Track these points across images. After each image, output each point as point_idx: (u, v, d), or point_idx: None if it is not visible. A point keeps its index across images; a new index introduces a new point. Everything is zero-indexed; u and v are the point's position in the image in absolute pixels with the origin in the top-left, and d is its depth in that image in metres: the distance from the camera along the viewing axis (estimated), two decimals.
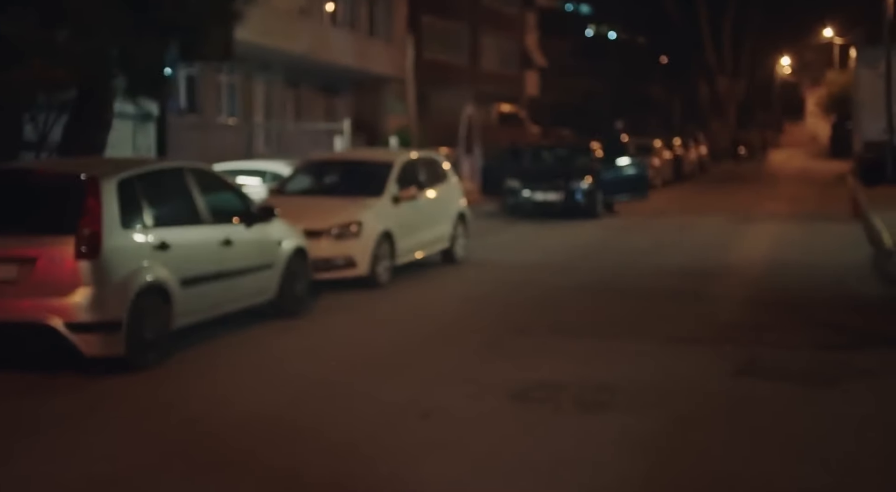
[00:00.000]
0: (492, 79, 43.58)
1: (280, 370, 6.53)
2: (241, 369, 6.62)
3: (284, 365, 6.70)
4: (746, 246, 13.79)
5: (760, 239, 14.75)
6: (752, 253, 12.93)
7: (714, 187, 28.96)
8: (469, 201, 20.46)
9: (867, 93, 23.61)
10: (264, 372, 6.50)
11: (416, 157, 11.90)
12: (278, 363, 6.75)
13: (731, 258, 12.38)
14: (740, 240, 14.60)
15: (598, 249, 13.78)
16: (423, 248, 11.43)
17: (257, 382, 6.24)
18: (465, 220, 12.67)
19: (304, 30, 25.88)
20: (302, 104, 29.18)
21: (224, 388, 6.08)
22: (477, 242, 14.41)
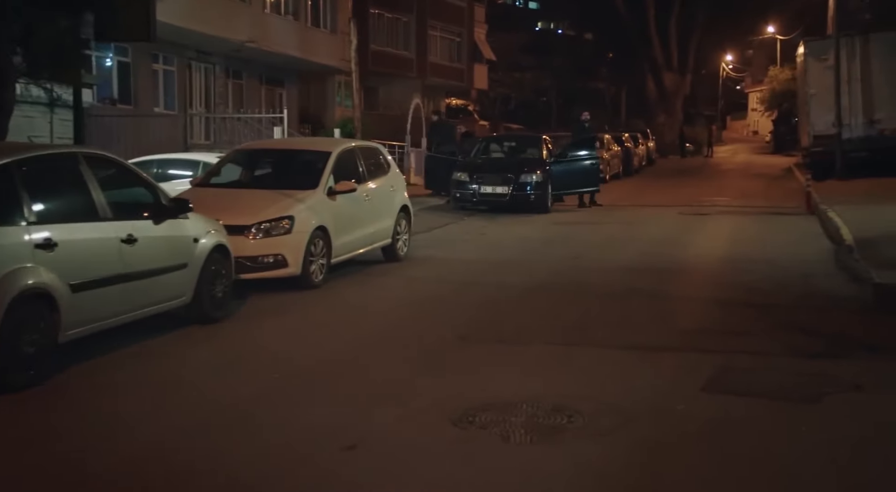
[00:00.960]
0: (440, 72, 42.79)
1: (187, 389, 5.64)
2: (142, 387, 5.71)
3: (193, 382, 5.82)
4: (703, 241, 13.22)
5: (717, 234, 14.20)
6: (709, 248, 12.33)
7: (663, 181, 28.57)
8: (416, 195, 19.89)
9: (816, 86, 23.31)
10: (168, 392, 5.61)
11: (355, 146, 11.04)
12: (186, 380, 5.86)
13: (688, 254, 11.77)
14: (696, 235, 14.03)
15: (548, 245, 13.08)
16: (363, 244, 10.59)
17: (156, 404, 5.33)
18: (408, 214, 11.86)
19: (243, 18, 24.77)
20: (244, 95, 28.02)
21: (116, 413, 5.17)
22: (422, 238, 13.63)
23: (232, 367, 6.19)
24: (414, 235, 13.95)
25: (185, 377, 5.94)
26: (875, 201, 16.53)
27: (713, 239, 13.56)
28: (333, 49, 30.58)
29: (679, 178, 30.25)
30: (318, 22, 30.09)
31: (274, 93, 30.05)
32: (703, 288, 9.31)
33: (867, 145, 22.81)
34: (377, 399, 5.35)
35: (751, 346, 6.56)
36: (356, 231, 10.34)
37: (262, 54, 26.41)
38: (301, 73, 31.25)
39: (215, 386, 5.68)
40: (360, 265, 10.80)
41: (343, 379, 5.85)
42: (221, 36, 23.47)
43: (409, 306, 8.49)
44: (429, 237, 14.10)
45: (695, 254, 11.85)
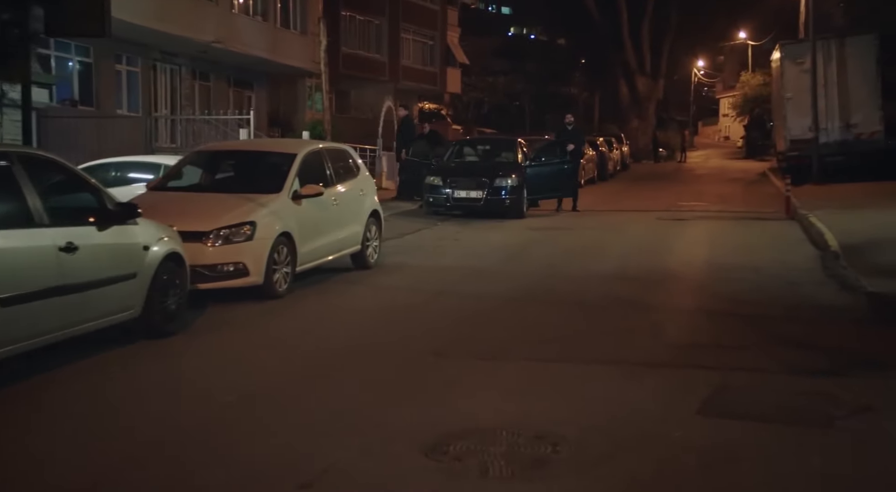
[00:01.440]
0: (413, 75, 42.31)
1: (119, 418, 5.02)
2: (71, 415, 5.08)
3: (127, 409, 5.20)
4: (684, 247, 12.80)
5: (697, 239, 13.80)
6: (691, 255, 11.91)
7: (639, 186, 28.25)
8: (388, 199, 19.35)
9: (792, 89, 23.09)
10: (100, 419, 5.00)
11: (322, 148, 10.48)
12: (120, 407, 5.25)
13: (670, 261, 11.33)
14: (676, 240, 13.61)
15: (525, 251, 12.60)
16: (330, 252, 10.04)
17: (79, 440, 4.65)
18: (378, 219, 11.33)
19: (210, 18, 24.10)
20: (212, 97, 27.33)
21: (29, 450, 4.52)
22: (393, 244, 13.11)
23: (178, 389, 5.62)
24: (385, 242, 13.43)
25: (120, 403, 5.34)
26: (855, 206, 16.26)
27: (694, 245, 13.15)
28: (303, 51, 29.94)
29: (654, 182, 29.95)
30: (287, 23, 29.47)
31: (242, 95, 29.36)
32: (688, 297, 8.86)
33: (843, 150, 22.63)
34: (340, 426, 4.80)
35: (745, 362, 6.10)
36: (323, 237, 9.79)
37: (230, 56, 25.75)
38: (271, 75, 30.62)
39: (154, 413, 5.10)
40: (328, 273, 10.25)
41: (303, 403, 5.30)
42: (187, 36, 22.80)
43: (378, 318, 7.95)
44: (401, 243, 13.57)
45: (677, 261, 11.41)
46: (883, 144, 22.32)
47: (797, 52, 23.10)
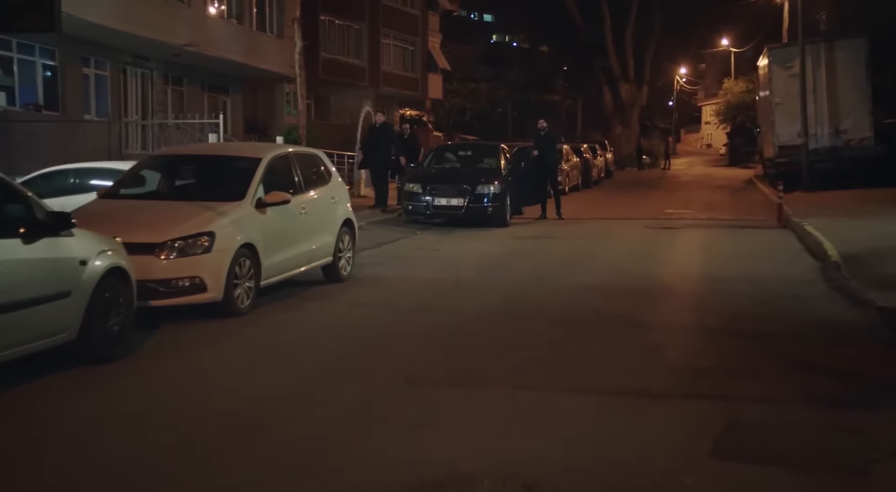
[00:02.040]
0: (393, 81, 41.64)
1: (34, 457, 4.30)
2: None
3: (48, 446, 4.48)
4: (676, 257, 12.14)
5: (688, 249, 13.15)
6: (684, 266, 11.25)
7: (624, 193, 27.66)
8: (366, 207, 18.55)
9: (781, 94, 22.60)
10: (6, 462, 4.26)
11: (290, 153, 9.73)
12: (39, 443, 4.51)
13: (663, 273, 10.66)
14: (667, 250, 12.96)
15: (509, 262, 11.90)
16: (299, 264, 9.30)
17: None
18: (352, 229, 10.60)
19: (182, 20, 23.33)
20: (185, 103, 26.50)
21: None
22: (369, 255, 12.40)
23: (114, 425, 4.87)
24: (361, 252, 12.72)
25: (35, 441, 4.59)
26: (849, 214, 15.71)
27: (686, 255, 12.50)
28: (281, 55, 29.10)
29: (639, 190, 29.39)
30: (263, 26, 28.71)
31: (217, 100, 28.56)
32: (685, 313, 8.18)
33: (833, 156, 22.14)
34: (296, 472, 4.07)
35: (758, 389, 5.41)
36: (291, 249, 9.05)
37: (204, 60, 24.96)
38: (247, 80, 29.83)
39: (81, 454, 4.35)
40: (296, 287, 9.51)
41: (257, 442, 4.56)
42: (158, 39, 22.00)
43: (348, 339, 7.22)
44: (377, 254, 12.85)
45: (670, 272, 10.74)
46: (873, 150, 21.85)
47: (785, 57, 22.61)
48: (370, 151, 18.82)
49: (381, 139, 18.64)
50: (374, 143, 18.69)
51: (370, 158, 18.92)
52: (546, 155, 17.75)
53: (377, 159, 18.69)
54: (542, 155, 17.69)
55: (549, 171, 17.81)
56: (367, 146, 19.09)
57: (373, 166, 19.10)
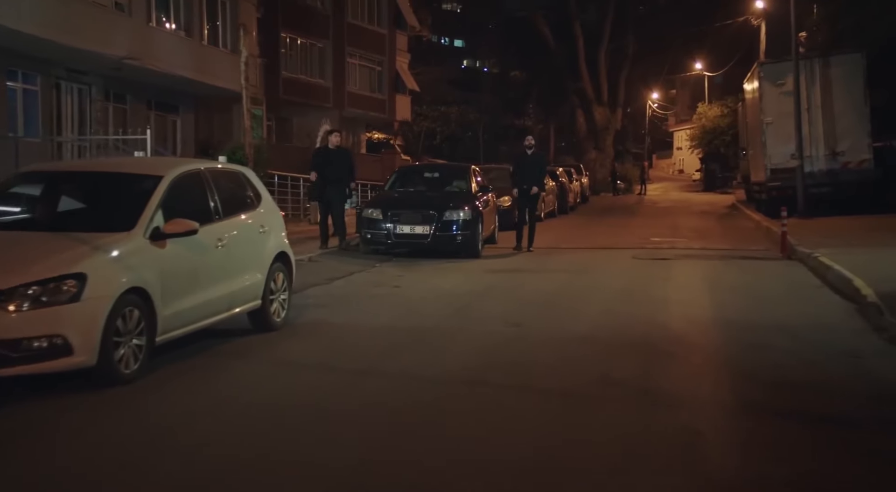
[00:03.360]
0: (359, 102, 39.77)
1: None
2: None
3: None
4: (679, 296, 10.23)
5: (690, 285, 11.27)
6: (693, 308, 9.34)
7: (603, 220, 25.91)
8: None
9: (773, 113, 20.99)
10: None
11: (204, 170, 7.69)
12: None
13: (669, 318, 8.74)
14: (666, 287, 11.06)
15: (481, 303, 9.94)
16: (213, 311, 7.27)
17: None
18: (287, 264, 8.60)
19: (122, 30, 21.28)
20: (129, 121, 24.36)
21: None
22: (316, 293, 10.45)
23: None
24: (308, 289, 10.79)
25: None
26: (861, 244, 13.99)
27: (690, 293, 10.60)
28: (236, 72, 27.07)
29: (619, 216, 27.69)
30: (216, 40, 26.71)
31: (166, 120, 26.48)
32: (715, 380, 6.25)
33: (830, 180, 20.52)
34: None
35: None
36: (201, 292, 7.03)
37: (149, 75, 22.91)
38: (200, 98, 27.77)
39: None
40: (215, 338, 7.49)
41: None
42: (94, 50, 19.95)
43: (260, 424, 5.20)
44: (326, 292, 10.86)
45: (677, 316, 8.83)
46: (873, 174, 20.27)
47: (777, 73, 21.03)
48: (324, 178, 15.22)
49: (333, 165, 15.11)
50: (325, 169, 15.20)
51: (323, 188, 15.30)
52: (531, 178, 15.51)
53: (334, 190, 15.14)
54: (526, 178, 15.46)
55: (532, 198, 15.66)
56: (319, 173, 15.32)
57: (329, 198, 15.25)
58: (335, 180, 15.17)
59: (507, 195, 19.25)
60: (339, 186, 15.23)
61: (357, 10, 39.44)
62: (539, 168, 15.78)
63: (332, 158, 15.36)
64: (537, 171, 15.62)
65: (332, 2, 37.48)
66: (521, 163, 15.76)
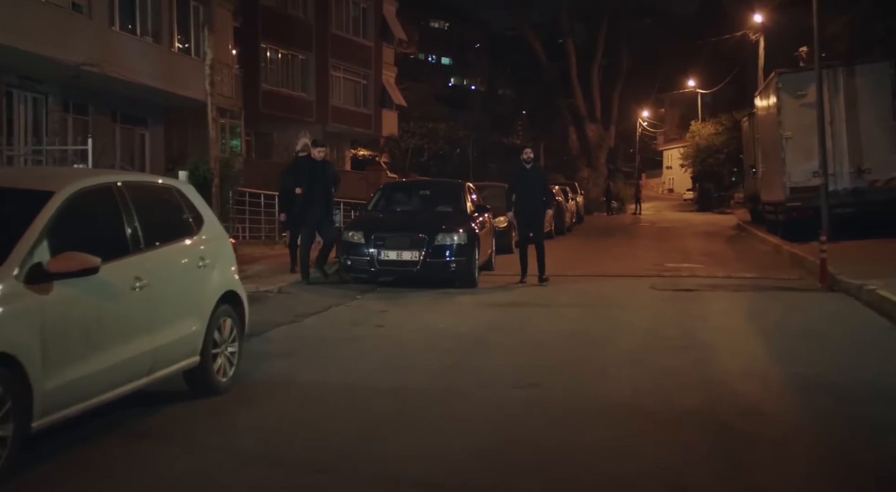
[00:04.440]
0: (344, 117, 37.94)
1: None
2: None
3: None
4: (727, 342, 8.34)
5: (735, 326, 9.38)
6: (752, 360, 7.45)
7: (603, 241, 24.10)
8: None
9: (792, 127, 19.26)
10: None
11: (119, 186, 5.71)
12: None
13: (726, 375, 6.84)
14: (706, 328, 9.19)
15: (483, 352, 8.04)
16: (126, 378, 5.33)
17: None
18: (237, 307, 6.67)
19: (81, 34, 19.36)
20: (92, 134, 22.38)
21: None
22: (283, 334, 8.58)
23: None
24: (273, 329, 8.93)
25: None
26: None
27: (737, 336, 8.73)
28: None
29: (620, 238, 25.88)
30: (187, 48, 24.80)
31: (133, 133, 24.53)
32: (832, 484, 4.36)
33: (855, 200, 18.76)
34: None
35: None
36: (108, 352, 5.09)
37: (112, 83, 20.98)
38: (171, 110, 25.82)
39: None
40: (135, 407, 5.57)
41: None
42: (47, 54, 18.03)
43: None
44: (293, 333, 8.95)
45: (736, 371, 6.93)
46: None
47: (797, 83, 19.30)
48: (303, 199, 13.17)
49: (315, 183, 13.08)
50: (305, 188, 13.13)
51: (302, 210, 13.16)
52: (534, 194, 13.44)
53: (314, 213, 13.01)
54: (528, 195, 13.44)
55: (535, 218, 13.62)
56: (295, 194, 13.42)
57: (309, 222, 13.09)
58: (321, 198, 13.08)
59: (502, 216, 17.52)
60: (324, 204, 13.15)
61: (342, 21, 37.71)
62: (543, 183, 13.82)
63: (318, 171, 13.17)
64: (540, 186, 13.61)
65: (316, 12, 35.73)
66: (519, 178, 13.66)
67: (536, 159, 13.62)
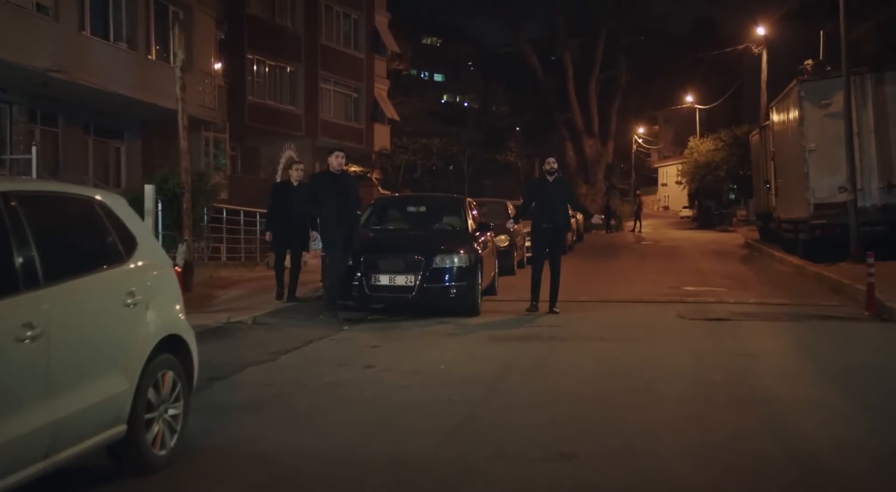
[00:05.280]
0: (334, 131, 36.47)
1: None
2: None
3: None
4: (796, 393, 6.80)
5: (794, 370, 7.85)
6: (838, 422, 5.91)
7: (610, 262, 22.60)
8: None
9: (816, 138, 17.87)
10: None
11: (9, 191, 4.21)
12: None
13: (805, 440, 5.32)
14: (755, 370, 7.68)
15: (498, 405, 6.50)
16: (9, 464, 3.79)
17: None
18: (183, 356, 5.13)
19: (46, 37, 17.89)
20: (62, 148, 20.95)
21: None
22: (251, 378, 7.05)
23: None
24: (242, 371, 7.44)
25: None
26: None
27: (800, 383, 7.21)
28: (190, 93, 23.67)
29: (627, 258, 24.42)
30: (166, 56, 23.30)
31: (108, 147, 23.02)
32: None
33: (886, 217, 17.35)
34: None
35: None
36: None
37: (84, 92, 19.51)
38: (149, 123, 24.29)
39: None
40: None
41: None
42: (8, 59, 16.60)
43: None
44: (264, 377, 7.41)
45: (823, 441, 5.40)
46: None
47: (821, 92, 17.93)
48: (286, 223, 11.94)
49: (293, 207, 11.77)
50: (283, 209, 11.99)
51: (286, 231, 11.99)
52: (553, 212, 11.66)
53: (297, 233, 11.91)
54: (550, 212, 11.66)
55: (556, 238, 11.84)
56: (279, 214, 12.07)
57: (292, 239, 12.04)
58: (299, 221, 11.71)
59: (503, 234, 16.04)
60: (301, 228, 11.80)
61: (332, 32, 36.35)
62: (570, 197, 12.23)
63: (294, 196, 11.90)
64: (565, 200, 11.89)
65: (305, 22, 34.37)
66: (541, 192, 11.85)
67: (531, 176, 12.02)
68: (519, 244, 18.56)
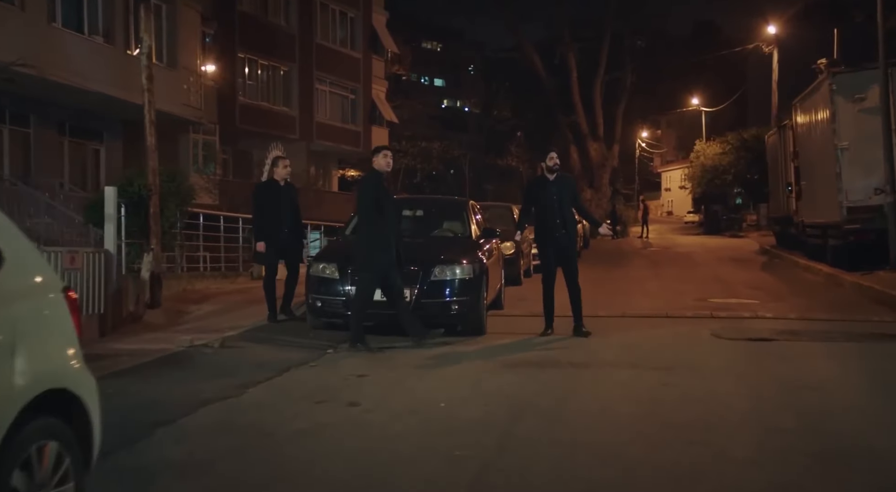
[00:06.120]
0: (330, 134, 35.06)
1: None
2: None
3: None
4: (888, 443, 5.35)
5: (870, 406, 6.38)
6: None
7: (623, 271, 21.11)
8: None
9: (849, 136, 16.42)
10: None
11: None
12: None
13: None
14: (832, 411, 6.21)
15: (507, 463, 5.01)
16: None
17: None
18: (75, 416, 3.64)
19: (10, 28, 16.47)
20: (33, 150, 19.53)
21: None
22: (200, 423, 5.54)
23: None
24: (199, 410, 5.94)
25: None
26: None
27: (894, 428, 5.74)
28: (176, 91, 22.35)
29: (640, 266, 22.96)
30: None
31: (85, 148, 21.59)
32: None
33: None
34: None
35: None
36: None
37: (55, 89, 18.10)
38: (131, 123, 22.67)
39: None
40: None
41: None
42: None
43: None
44: (223, 419, 5.95)
45: None
46: None
47: (855, 85, 16.48)
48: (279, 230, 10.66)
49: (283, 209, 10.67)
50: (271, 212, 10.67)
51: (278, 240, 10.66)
52: (557, 216, 9.90)
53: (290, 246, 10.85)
54: (554, 215, 9.90)
55: (566, 247, 10.08)
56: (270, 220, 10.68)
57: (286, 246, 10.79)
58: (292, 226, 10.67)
59: (509, 241, 14.43)
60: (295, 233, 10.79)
61: (327, 31, 34.94)
62: (574, 199, 10.44)
63: (282, 197, 10.65)
64: (570, 202, 10.16)
65: (299, 20, 32.97)
66: (541, 192, 10.08)
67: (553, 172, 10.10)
68: (525, 251, 17.07)
